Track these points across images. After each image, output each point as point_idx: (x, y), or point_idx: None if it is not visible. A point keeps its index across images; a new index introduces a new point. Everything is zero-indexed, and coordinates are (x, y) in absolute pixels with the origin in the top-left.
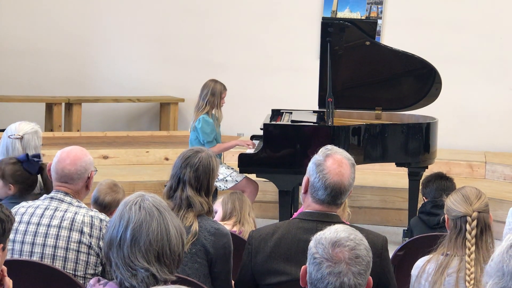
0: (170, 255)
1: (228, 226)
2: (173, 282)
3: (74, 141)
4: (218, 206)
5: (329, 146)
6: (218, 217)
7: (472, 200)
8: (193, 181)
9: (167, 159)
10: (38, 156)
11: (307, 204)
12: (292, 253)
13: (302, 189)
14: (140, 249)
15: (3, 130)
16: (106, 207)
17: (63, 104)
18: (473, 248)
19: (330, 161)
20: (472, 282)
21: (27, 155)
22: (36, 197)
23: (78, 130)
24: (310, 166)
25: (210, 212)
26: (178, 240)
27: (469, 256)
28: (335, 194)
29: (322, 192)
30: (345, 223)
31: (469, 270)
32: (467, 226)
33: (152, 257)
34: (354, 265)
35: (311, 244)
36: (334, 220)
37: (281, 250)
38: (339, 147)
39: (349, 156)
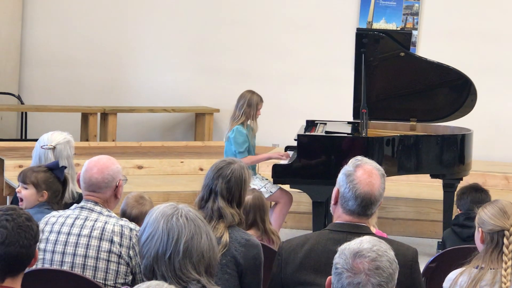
0: (215, 265)
1: None
2: None
3: (109, 151)
4: None
5: (359, 157)
6: None
7: (509, 214)
8: (225, 192)
9: (201, 169)
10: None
11: (337, 215)
12: (322, 264)
13: (332, 200)
14: (192, 261)
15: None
16: (133, 220)
17: (99, 114)
18: (510, 263)
19: (360, 171)
20: None
21: (57, 162)
22: (66, 206)
23: (113, 140)
24: (340, 177)
25: (241, 223)
26: (217, 251)
27: (505, 270)
28: (365, 204)
29: (352, 203)
30: (375, 234)
31: (505, 284)
32: (505, 240)
33: (202, 268)
34: (374, 276)
35: (336, 254)
36: (364, 231)
37: (311, 261)
38: (373, 158)
39: (379, 167)
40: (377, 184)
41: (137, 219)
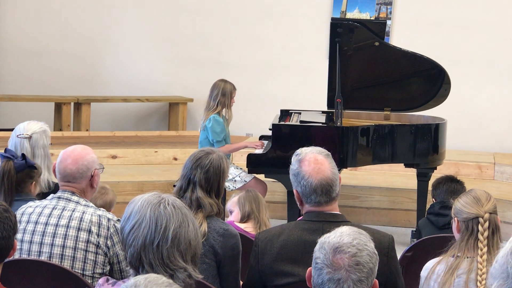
0: (199, 254)
1: (248, 229)
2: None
3: (83, 141)
4: (234, 207)
5: (298, 151)
6: (236, 217)
7: (483, 201)
8: (203, 183)
9: (175, 159)
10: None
11: (306, 211)
12: (298, 254)
13: (297, 202)
14: (179, 250)
15: (12, 130)
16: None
17: (72, 103)
18: (485, 249)
19: (305, 164)
20: (484, 282)
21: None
22: (43, 196)
23: (87, 130)
24: (292, 178)
25: (219, 213)
26: (201, 240)
27: (481, 257)
28: (326, 190)
29: (314, 196)
30: (351, 222)
31: (481, 270)
32: (479, 227)
33: (189, 257)
34: (354, 272)
35: (316, 247)
36: (340, 219)
37: (288, 252)
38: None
39: (320, 149)
40: (326, 166)
41: (103, 208)
